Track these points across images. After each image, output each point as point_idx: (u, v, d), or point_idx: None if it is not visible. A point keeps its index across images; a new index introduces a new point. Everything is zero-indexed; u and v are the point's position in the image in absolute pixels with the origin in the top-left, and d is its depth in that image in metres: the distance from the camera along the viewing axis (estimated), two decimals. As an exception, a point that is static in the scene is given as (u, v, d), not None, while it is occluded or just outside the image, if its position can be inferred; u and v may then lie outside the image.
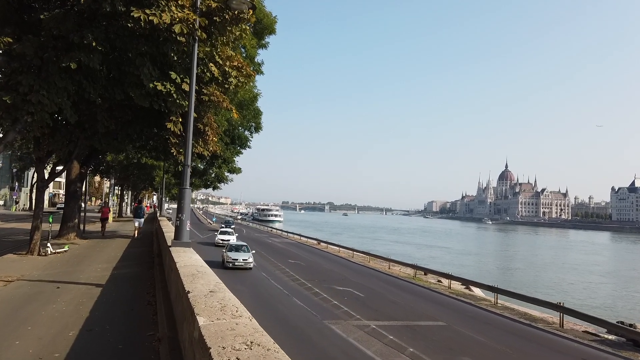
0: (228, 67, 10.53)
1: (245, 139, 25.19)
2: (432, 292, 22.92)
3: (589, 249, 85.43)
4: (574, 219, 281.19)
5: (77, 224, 19.74)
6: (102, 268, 11.64)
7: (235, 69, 10.73)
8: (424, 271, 28.57)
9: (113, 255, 14.40)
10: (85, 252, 15.42)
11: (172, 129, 12.16)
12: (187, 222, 8.33)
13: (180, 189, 8.39)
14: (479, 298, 22.03)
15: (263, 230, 64.41)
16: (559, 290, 33.24)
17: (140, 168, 39.12)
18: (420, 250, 64.37)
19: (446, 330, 15.01)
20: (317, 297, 17.92)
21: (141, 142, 21.10)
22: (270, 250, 35.64)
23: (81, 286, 8.97)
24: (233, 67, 10.66)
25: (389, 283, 24.09)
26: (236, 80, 10.77)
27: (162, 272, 9.37)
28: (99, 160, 26.82)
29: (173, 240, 8.36)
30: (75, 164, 18.57)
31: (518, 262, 52.80)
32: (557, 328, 16.61)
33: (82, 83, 10.15)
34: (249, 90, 20.15)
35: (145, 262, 12.84)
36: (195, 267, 5.69)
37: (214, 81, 10.89)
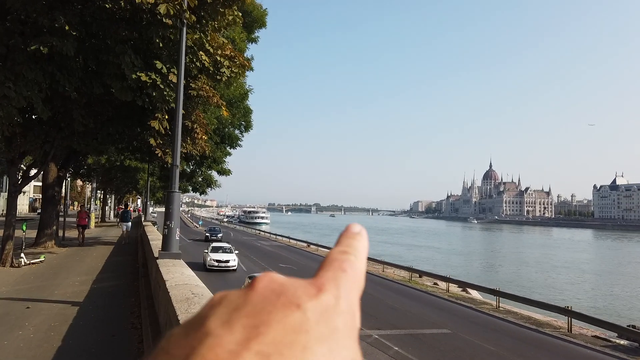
0: (220, 56, 9.43)
1: (236, 138, 23.74)
2: (431, 295, 22.18)
3: (576, 247, 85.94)
4: (557, 217, 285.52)
5: (55, 231, 18.37)
6: (80, 281, 10.47)
7: (228, 59, 9.64)
8: (419, 273, 27.87)
9: (93, 266, 13.17)
10: (63, 263, 14.14)
11: (157, 127, 11.07)
12: (176, 230, 7.31)
13: (168, 192, 7.36)
14: (479, 301, 21.32)
15: (251, 233, 63.20)
16: (555, 290, 32.79)
17: (124, 171, 37.59)
18: (410, 250, 63.84)
19: (452, 338, 14.22)
20: None
21: (123, 143, 19.90)
22: (260, 253, 34.68)
23: (55, 305, 7.83)
24: (225, 57, 9.58)
25: (385, 287, 23.33)
26: (229, 71, 9.66)
27: (148, 286, 8.32)
28: (79, 163, 25.17)
29: (160, 251, 7.32)
30: (52, 166, 17.24)
31: (509, 261, 52.47)
32: (565, 333, 15.94)
33: (56, 75, 9.00)
34: (240, 86, 18.94)
35: (129, 273, 11.68)
36: (189, 287, 4.70)
37: (204, 72, 9.82)
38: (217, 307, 0.32)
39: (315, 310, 0.33)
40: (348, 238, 0.43)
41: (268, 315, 0.31)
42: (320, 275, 0.37)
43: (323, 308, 0.33)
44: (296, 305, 0.32)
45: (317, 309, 0.33)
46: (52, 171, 17.37)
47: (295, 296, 0.33)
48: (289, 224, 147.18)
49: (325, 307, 0.33)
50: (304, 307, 0.32)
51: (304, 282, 0.36)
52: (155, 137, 11.67)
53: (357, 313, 0.36)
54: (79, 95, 9.83)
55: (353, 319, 0.35)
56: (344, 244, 0.42)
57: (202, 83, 11.70)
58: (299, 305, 0.32)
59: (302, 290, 0.34)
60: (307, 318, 0.32)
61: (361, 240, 0.44)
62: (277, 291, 0.33)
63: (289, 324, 0.31)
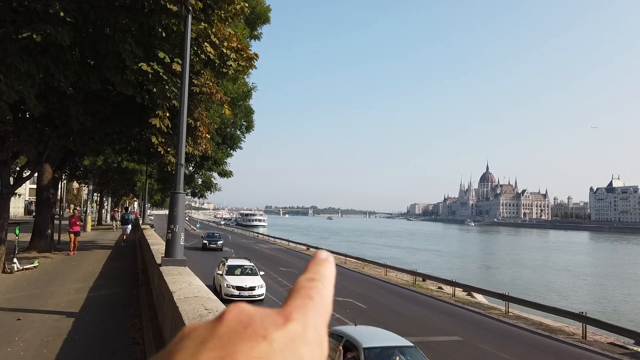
0: (226, 48, 8.83)
1: (238, 139, 22.65)
2: (437, 300, 21.63)
3: (576, 250, 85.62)
4: (554, 220, 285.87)
5: (50, 234, 17.69)
6: (76, 289, 9.82)
7: (235, 51, 9.04)
8: (423, 277, 27.32)
9: (90, 272, 12.50)
10: (58, 268, 13.47)
11: (159, 125, 10.48)
12: (181, 235, 6.72)
13: (172, 193, 6.77)
14: (487, 306, 20.79)
15: (249, 236, 62.63)
16: (560, 295, 32.29)
17: (121, 173, 36.87)
18: (411, 253, 63.29)
19: (464, 346, 13.67)
20: None
21: (122, 143, 19.27)
22: (260, 257, 34.20)
23: (49, 316, 7.18)
24: (232, 49, 8.98)
25: (390, 291, 22.78)
26: (236, 64, 9.04)
27: (150, 295, 7.73)
28: (75, 164, 24.41)
29: (164, 257, 6.72)
30: (47, 167, 16.60)
31: (510, 264, 51.96)
32: (580, 340, 15.42)
33: (50, 68, 8.38)
34: (243, 84, 18.31)
35: (128, 280, 11.04)
36: (200, 301, 4.09)
37: (209, 65, 9.22)
38: (185, 341, 0.32)
39: (282, 340, 0.33)
40: (316, 265, 0.43)
41: (234, 347, 0.31)
42: (288, 304, 0.38)
43: (290, 338, 0.33)
44: (262, 336, 0.32)
45: (283, 338, 0.33)
46: (47, 172, 16.72)
47: (262, 327, 0.33)
48: (286, 227, 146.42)
49: (292, 336, 0.33)
50: (270, 337, 0.32)
51: (272, 312, 0.36)
52: (156, 135, 11.08)
53: (325, 341, 0.36)
54: (75, 91, 9.21)
55: (320, 347, 0.35)
56: (312, 271, 0.42)
57: (206, 79, 11.11)
58: (265, 336, 0.32)
59: (270, 321, 0.34)
60: (273, 349, 0.32)
61: (328, 266, 0.44)
62: (244, 322, 0.33)
63: (255, 355, 0.31)
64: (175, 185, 6.80)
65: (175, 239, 6.72)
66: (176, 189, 6.78)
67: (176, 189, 6.78)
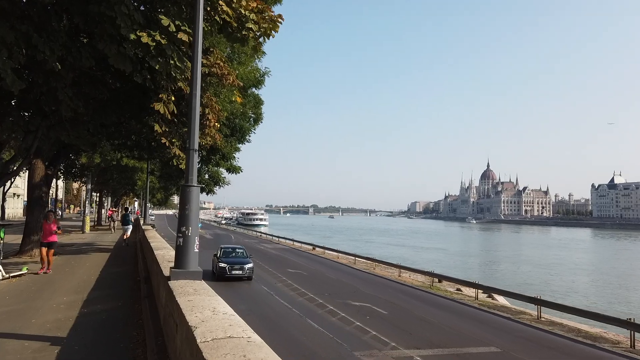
0: (244, 8, 7.33)
1: (247, 131, 20.46)
2: (460, 304, 20.16)
3: (584, 247, 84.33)
4: (555, 217, 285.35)
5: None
6: (67, 302, 8.32)
7: (254, 12, 7.52)
8: (439, 278, 25.82)
9: (86, 280, 10.96)
10: (50, 275, 11.79)
11: (163, 111, 9.01)
12: (195, 240, 5.24)
13: (182, 187, 5.29)
14: (516, 311, 19.31)
15: (252, 236, 61.19)
16: (582, 295, 30.92)
17: (121, 171, 35.37)
18: (417, 252, 61.88)
19: (505, 358, 12.21)
20: (334, 316, 15.13)
21: (120, 137, 17.77)
22: (265, 257, 32.85)
23: (28, 344, 5.63)
24: (251, 10, 7.47)
25: (408, 294, 21.32)
26: (257, 27, 7.49)
27: (155, 314, 6.27)
28: (71, 161, 22.81)
29: (173, 268, 5.26)
30: (39, 163, 15.12)
31: (522, 263, 50.51)
32: (627, 349, 13.96)
33: (32, 37, 6.89)
34: (255, 69, 16.55)
35: (128, 290, 9.55)
36: (237, 345, 2.62)
37: (224, 31, 7.73)
38: None
39: None
40: None
41: None
42: None
43: None
44: None
45: None
46: (39, 169, 15.23)
47: None
48: (288, 226, 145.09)
49: None
50: None
51: None
52: (160, 123, 9.60)
53: None
54: (63, 70, 7.74)
55: None
56: None
57: (216, 58, 9.63)
58: None
59: None
60: None
61: None
62: None
63: None
64: (187, 175, 5.32)
65: (188, 244, 5.23)
66: (188, 181, 5.30)
67: (188, 181, 5.30)
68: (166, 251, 8.65)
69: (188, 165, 5.33)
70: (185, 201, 5.28)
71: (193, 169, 5.34)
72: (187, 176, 5.33)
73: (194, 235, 5.28)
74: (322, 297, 18.15)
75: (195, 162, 5.36)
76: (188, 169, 5.31)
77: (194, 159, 5.35)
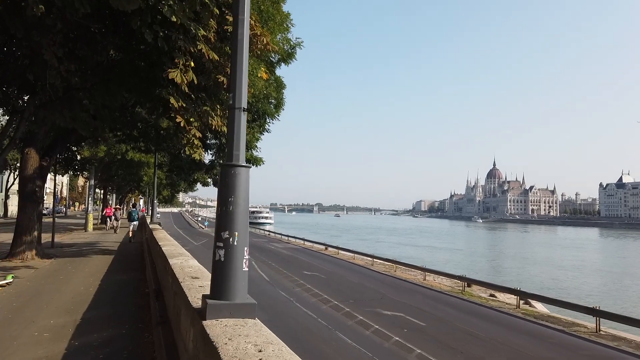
0: None
1: (271, 116, 17.06)
2: (502, 313, 18.10)
3: (599, 247, 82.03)
4: (562, 216, 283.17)
5: (37, 237, 14.18)
6: (54, 328, 6.22)
7: None
8: (468, 282, 23.70)
9: (82, 292, 8.88)
10: (39, 285, 9.71)
11: (179, 81, 7.03)
12: (244, 254, 3.22)
13: (224, 167, 3.21)
14: (568, 322, 17.24)
15: (260, 234, 59.33)
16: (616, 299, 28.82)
17: (126, 166, 33.44)
18: (431, 253, 59.77)
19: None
20: (367, 329, 13.18)
21: (125, 127, 15.80)
22: (277, 258, 31.02)
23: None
24: None
25: (441, 302, 19.29)
26: None
27: (173, 354, 4.31)
28: (72, 153, 20.69)
29: (210, 298, 3.23)
30: (32, 153, 13.16)
31: (544, 265, 48.27)
32: None
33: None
34: (285, 39, 13.60)
35: (135, 309, 7.41)
36: None
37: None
38: None
39: None
40: None
41: None
42: None
43: None
44: None
45: None
46: (32, 159, 13.27)
47: None
48: (294, 224, 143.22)
49: None
50: None
51: None
52: (175, 97, 7.61)
53: None
54: (49, 16, 5.78)
55: None
56: None
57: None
58: None
59: None
60: None
61: None
62: None
63: None
64: (229, 151, 3.30)
65: (234, 261, 3.22)
66: (233, 158, 3.27)
67: (233, 158, 3.27)
68: (184, 260, 6.65)
69: (233, 132, 3.32)
70: (228, 189, 3.26)
71: (239, 139, 3.32)
72: (230, 150, 3.32)
73: (242, 245, 3.27)
74: (347, 305, 16.27)
75: (243, 127, 3.35)
76: (233, 139, 3.30)
77: (242, 123, 3.34)
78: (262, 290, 18.71)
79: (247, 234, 3.37)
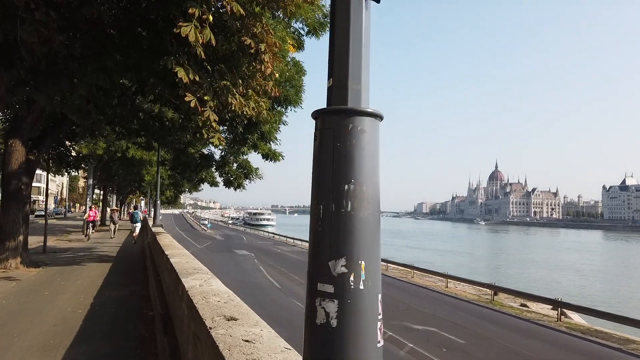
0: None
1: (294, 102, 14.15)
2: (543, 327, 16.35)
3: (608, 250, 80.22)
4: (565, 218, 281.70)
5: (22, 242, 12.25)
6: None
7: None
8: (495, 290, 21.88)
9: (69, 316, 6.98)
10: (17, 305, 7.93)
11: (193, 39, 5.26)
12: (379, 308, 1.44)
13: (325, 113, 1.40)
14: (618, 337, 15.44)
15: (264, 237, 57.64)
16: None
17: (126, 165, 31.65)
18: (441, 256, 57.90)
19: None
20: (401, 348, 11.59)
21: (124, 119, 14.06)
22: (286, 263, 29.38)
23: None
24: None
25: (472, 313, 17.52)
26: None
27: None
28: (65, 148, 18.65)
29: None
30: (16, 144, 11.33)
31: (561, 270, 46.32)
32: None
33: None
34: (317, 7, 11.39)
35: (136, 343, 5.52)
36: None
37: None
38: None
39: None
40: None
41: None
42: None
43: None
44: None
45: None
46: (17, 152, 11.46)
47: None
48: (296, 226, 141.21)
49: None
50: None
51: None
52: (186, 68, 5.81)
53: None
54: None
55: None
56: None
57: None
58: None
59: None
60: None
61: None
62: None
63: None
64: (339, 81, 1.49)
65: (358, 325, 1.42)
66: (345, 98, 1.48)
67: (345, 98, 1.48)
68: (203, 280, 4.85)
69: (347, 39, 1.51)
70: (339, 167, 1.46)
71: (360, 58, 1.52)
72: (340, 81, 1.51)
73: (373, 289, 1.45)
74: (372, 318, 14.28)
75: (366, 29, 1.52)
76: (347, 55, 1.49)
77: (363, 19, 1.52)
78: (275, 299, 17.06)
79: (380, 264, 1.58)
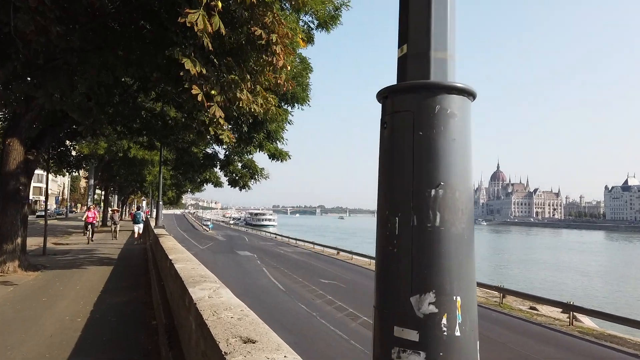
0: None
1: (302, 100, 13.73)
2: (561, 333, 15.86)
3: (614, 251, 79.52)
4: (567, 219, 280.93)
5: (21, 245, 11.86)
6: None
7: None
8: (503, 292, 21.31)
9: (67, 325, 6.56)
10: (12, 312, 7.50)
11: (201, 26, 4.86)
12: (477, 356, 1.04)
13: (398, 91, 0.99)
14: (634, 343, 14.97)
15: (266, 237, 57.23)
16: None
17: (128, 165, 31.26)
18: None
19: None
20: None
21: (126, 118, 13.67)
22: (289, 264, 28.98)
23: None
24: None
25: (484, 317, 16.91)
26: None
27: None
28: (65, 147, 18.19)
29: None
30: (14, 143, 10.93)
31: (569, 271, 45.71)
32: None
33: None
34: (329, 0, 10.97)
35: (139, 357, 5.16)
36: None
37: None
38: None
39: None
40: None
41: None
42: None
43: None
44: None
45: None
46: (16, 152, 11.08)
47: None
48: (297, 227, 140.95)
49: None
50: None
51: None
52: (192, 59, 5.40)
53: None
54: None
55: None
56: None
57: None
58: None
59: None
60: None
61: None
62: None
63: None
64: (421, 47, 1.08)
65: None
66: (427, 71, 1.09)
67: (427, 71, 1.09)
68: (212, 289, 4.45)
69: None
70: (421, 164, 1.04)
71: (446, 19, 1.12)
72: (424, 48, 1.11)
73: (470, 334, 1.03)
74: (380, 322, 13.83)
75: None
76: (429, 14, 1.09)
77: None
78: (279, 302, 16.67)
79: (476, 299, 1.17)
